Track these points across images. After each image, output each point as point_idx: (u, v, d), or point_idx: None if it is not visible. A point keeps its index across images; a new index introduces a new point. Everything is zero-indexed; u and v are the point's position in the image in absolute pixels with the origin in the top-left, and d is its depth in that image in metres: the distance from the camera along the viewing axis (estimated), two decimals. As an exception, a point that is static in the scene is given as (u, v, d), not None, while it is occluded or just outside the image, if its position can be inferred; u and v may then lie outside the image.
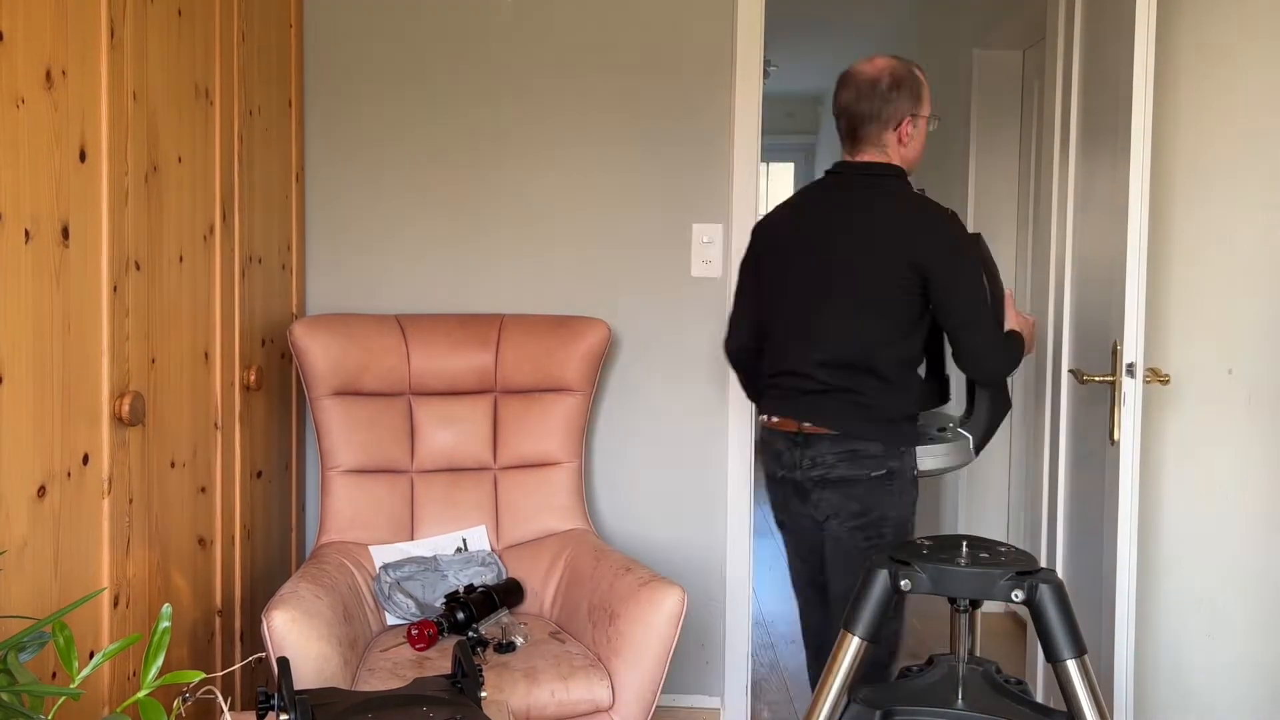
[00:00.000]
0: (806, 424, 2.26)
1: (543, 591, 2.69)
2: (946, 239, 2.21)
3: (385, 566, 2.62)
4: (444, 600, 2.52)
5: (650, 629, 2.30)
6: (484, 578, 2.65)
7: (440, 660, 2.34)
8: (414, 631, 2.40)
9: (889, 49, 5.65)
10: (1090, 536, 2.46)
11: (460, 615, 2.45)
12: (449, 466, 2.80)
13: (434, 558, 2.67)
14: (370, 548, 2.67)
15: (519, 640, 2.41)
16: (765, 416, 2.39)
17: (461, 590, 2.55)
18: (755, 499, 3.06)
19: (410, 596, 2.56)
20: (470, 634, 2.41)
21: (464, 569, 2.66)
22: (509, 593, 2.60)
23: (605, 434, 3.08)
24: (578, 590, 2.56)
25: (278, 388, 2.77)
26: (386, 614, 2.57)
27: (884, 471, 2.21)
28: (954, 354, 2.24)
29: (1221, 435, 2.29)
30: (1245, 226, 2.22)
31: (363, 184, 3.01)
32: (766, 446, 2.40)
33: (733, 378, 3.01)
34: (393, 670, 2.28)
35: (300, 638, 2.10)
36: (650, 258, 3.01)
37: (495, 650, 2.38)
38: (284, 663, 1.66)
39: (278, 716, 1.54)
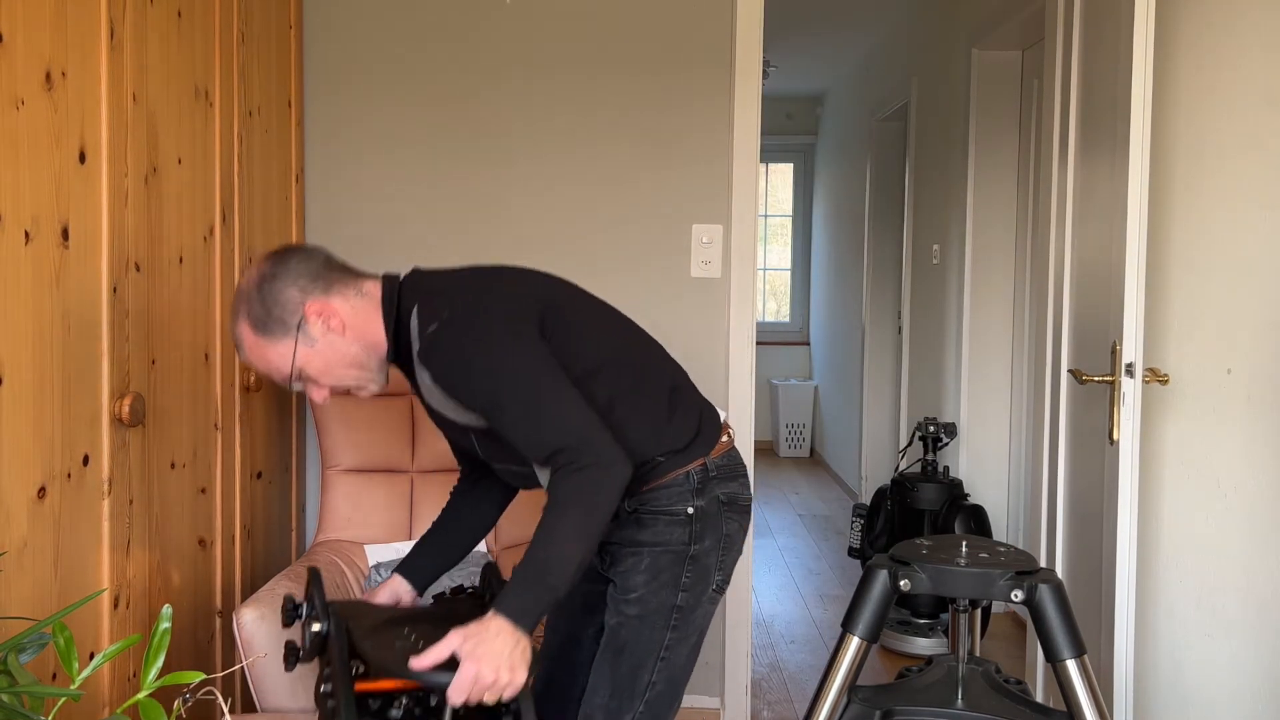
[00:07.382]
0: None
1: (536, 594, 2.68)
2: None
3: (377, 566, 2.62)
4: (431, 601, 2.52)
5: None
6: (477, 579, 2.64)
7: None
8: None
9: (888, 49, 5.67)
10: (1090, 536, 2.46)
11: None
12: (449, 466, 2.80)
13: (431, 558, 2.68)
14: (365, 546, 2.67)
15: None
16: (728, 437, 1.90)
17: (449, 592, 2.55)
18: (754, 499, 3.05)
19: (401, 596, 2.56)
20: None
21: (458, 570, 2.65)
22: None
23: (605, 434, 3.08)
24: None
25: (278, 389, 2.76)
26: (377, 613, 2.58)
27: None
28: None
29: (1221, 435, 2.29)
30: (1245, 226, 2.22)
31: (362, 185, 3.01)
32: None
33: (733, 375, 3.02)
34: None
35: (268, 635, 2.11)
36: (649, 258, 3.01)
37: None
38: (315, 572, 1.59)
39: (308, 624, 1.48)
